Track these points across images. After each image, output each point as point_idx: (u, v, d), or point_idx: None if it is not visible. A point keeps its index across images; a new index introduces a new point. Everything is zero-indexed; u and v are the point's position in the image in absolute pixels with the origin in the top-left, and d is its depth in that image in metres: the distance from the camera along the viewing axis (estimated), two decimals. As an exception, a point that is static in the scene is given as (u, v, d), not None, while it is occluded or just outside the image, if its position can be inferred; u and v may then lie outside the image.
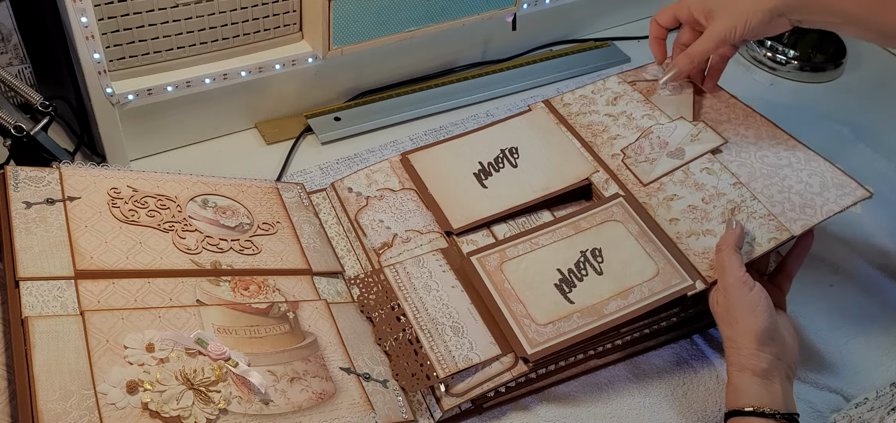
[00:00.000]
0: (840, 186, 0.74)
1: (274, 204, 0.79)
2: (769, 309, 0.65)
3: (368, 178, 0.84)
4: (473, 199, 0.81)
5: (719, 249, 0.69)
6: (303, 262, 0.74)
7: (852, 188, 0.74)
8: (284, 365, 0.63)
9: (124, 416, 0.54)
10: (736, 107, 0.84)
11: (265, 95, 0.94)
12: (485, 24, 1.02)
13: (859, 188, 0.73)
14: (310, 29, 0.91)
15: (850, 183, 0.74)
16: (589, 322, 0.68)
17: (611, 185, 0.80)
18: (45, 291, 0.60)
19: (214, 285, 0.68)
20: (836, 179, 0.75)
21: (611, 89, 0.89)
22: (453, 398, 0.66)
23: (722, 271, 0.67)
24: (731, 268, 0.66)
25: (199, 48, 0.86)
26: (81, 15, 0.73)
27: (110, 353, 0.58)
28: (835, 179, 0.75)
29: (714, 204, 0.75)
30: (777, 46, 1.17)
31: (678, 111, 0.84)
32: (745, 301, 0.65)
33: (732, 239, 0.68)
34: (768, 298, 0.65)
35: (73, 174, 0.71)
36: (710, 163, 0.78)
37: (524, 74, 1.08)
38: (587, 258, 0.73)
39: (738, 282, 0.65)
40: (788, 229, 0.71)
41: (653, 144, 0.81)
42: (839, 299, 0.83)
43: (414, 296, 0.72)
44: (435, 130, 0.99)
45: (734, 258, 0.67)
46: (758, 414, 0.62)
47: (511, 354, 0.68)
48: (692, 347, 0.77)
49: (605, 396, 0.72)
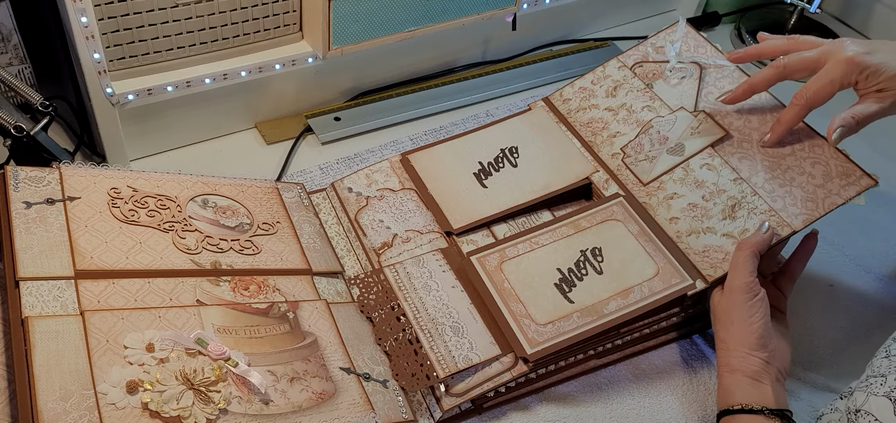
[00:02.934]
0: (844, 175, 0.73)
1: (274, 204, 0.79)
2: (766, 317, 0.65)
3: (368, 178, 0.84)
4: (473, 199, 0.81)
5: (740, 247, 0.68)
6: (303, 262, 0.74)
7: (857, 177, 0.72)
8: (284, 365, 0.63)
9: (124, 416, 0.54)
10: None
11: (265, 95, 0.94)
12: (485, 24, 1.02)
13: (864, 177, 0.72)
14: (310, 29, 0.91)
15: (855, 171, 0.73)
16: (589, 322, 0.68)
17: (611, 184, 0.80)
18: (45, 291, 0.60)
19: (214, 285, 0.68)
20: (840, 167, 0.73)
21: (611, 77, 0.88)
22: (453, 398, 0.66)
23: (733, 271, 0.67)
24: (742, 271, 0.66)
25: (199, 48, 0.86)
26: (81, 15, 0.73)
27: (110, 353, 0.58)
28: (839, 168, 0.73)
29: (714, 201, 0.74)
30: (777, 46, 1.17)
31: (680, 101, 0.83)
32: (746, 307, 0.65)
33: (755, 242, 0.68)
34: (767, 306, 0.66)
35: (73, 174, 0.71)
36: (710, 158, 0.78)
37: (524, 74, 1.08)
38: (587, 258, 0.73)
39: (744, 286, 0.66)
40: (790, 225, 0.71)
41: (653, 141, 0.81)
42: (839, 299, 0.83)
43: (414, 296, 0.72)
44: (435, 130, 0.98)
45: (749, 262, 0.67)
46: (747, 411, 0.62)
47: (511, 354, 0.68)
48: (692, 347, 0.77)
49: (605, 396, 0.72)
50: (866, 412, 0.58)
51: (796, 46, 0.74)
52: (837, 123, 0.70)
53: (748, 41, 1.19)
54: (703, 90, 0.83)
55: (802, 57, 0.73)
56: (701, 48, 0.86)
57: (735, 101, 0.79)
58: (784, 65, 0.73)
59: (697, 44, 0.87)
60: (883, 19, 1.24)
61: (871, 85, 0.69)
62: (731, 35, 1.23)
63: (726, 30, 1.25)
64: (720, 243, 0.72)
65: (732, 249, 0.71)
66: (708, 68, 0.85)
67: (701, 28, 1.23)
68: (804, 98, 0.72)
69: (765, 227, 0.70)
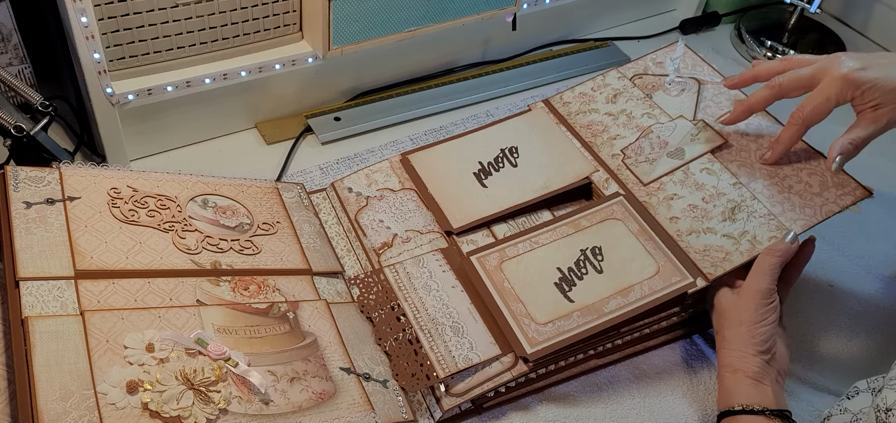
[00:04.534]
0: (840, 186, 0.74)
1: (274, 204, 0.79)
2: (775, 323, 0.66)
3: (368, 178, 0.84)
4: (473, 198, 0.81)
5: (767, 254, 0.68)
6: (303, 262, 0.74)
7: (852, 188, 0.74)
8: (284, 365, 0.63)
9: (124, 416, 0.54)
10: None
11: (265, 95, 0.94)
12: (485, 24, 1.02)
13: (859, 188, 0.74)
14: (310, 29, 0.91)
15: (850, 182, 0.74)
16: (589, 321, 0.68)
17: (611, 184, 0.80)
18: (45, 291, 0.60)
19: (214, 285, 0.68)
20: (835, 178, 0.75)
21: (610, 85, 0.89)
22: (453, 398, 0.66)
23: (756, 274, 0.67)
24: (767, 276, 0.67)
25: (199, 48, 0.86)
26: (81, 15, 0.73)
27: (110, 353, 0.58)
28: (835, 179, 0.75)
29: (714, 204, 0.75)
30: (777, 46, 1.17)
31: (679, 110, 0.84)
32: (760, 311, 0.66)
33: (783, 250, 0.69)
34: (778, 313, 0.67)
35: (73, 174, 0.71)
36: (710, 163, 0.78)
37: (524, 74, 1.08)
38: (587, 257, 0.73)
39: (765, 291, 0.66)
40: (789, 229, 0.71)
41: (653, 144, 0.81)
42: (839, 300, 0.83)
43: (414, 296, 0.72)
44: (435, 130, 0.98)
45: (775, 269, 0.67)
46: (747, 412, 0.62)
47: (511, 354, 0.68)
48: (692, 347, 0.77)
49: (605, 396, 0.72)
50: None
51: (790, 66, 0.74)
52: (836, 151, 0.71)
53: (748, 41, 1.19)
54: (701, 104, 0.84)
55: (797, 75, 0.73)
56: (698, 68, 0.88)
57: (733, 122, 0.80)
58: (780, 84, 0.74)
59: (695, 64, 0.88)
60: (883, 19, 1.24)
61: (867, 101, 0.69)
62: (730, 35, 1.23)
63: (726, 30, 1.25)
64: (720, 243, 0.72)
65: (732, 249, 0.71)
66: (706, 84, 0.86)
67: (701, 28, 1.23)
68: (801, 117, 0.72)
69: (790, 236, 0.70)
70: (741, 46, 1.20)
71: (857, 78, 0.68)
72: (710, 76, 0.87)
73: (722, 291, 0.70)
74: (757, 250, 0.70)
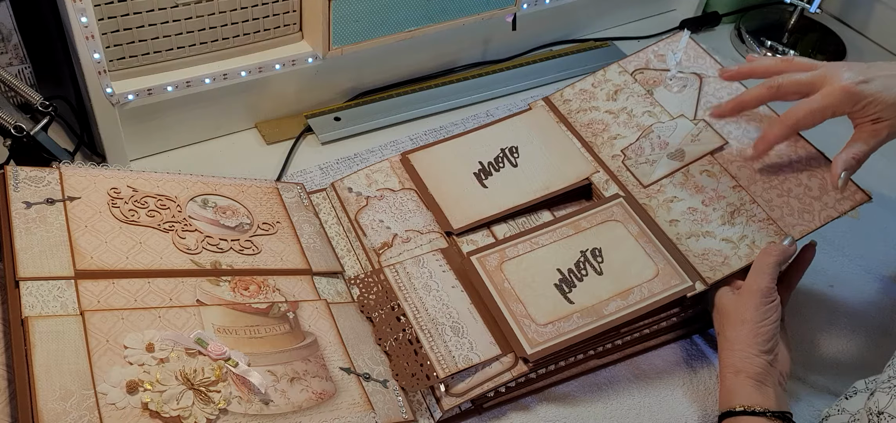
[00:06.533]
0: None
1: (274, 204, 0.79)
2: (777, 322, 0.66)
3: (368, 178, 0.84)
4: (473, 199, 0.81)
5: (765, 253, 0.69)
6: (303, 262, 0.74)
7: (851, 192, 0.73)
8: (284, 365, 0.63)
9: (124, 416, 0.54)
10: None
11: (265, 95, 0.94)
12: (485, 24, 1.02)
13: (858, 192, 0.73)
14: (310, 29, 0.91)
15: (849, 186, 0.74)
16: (589, 322, 0.68)
17: (611, 185, 0.80)
18: (45, 291, 0.60)
19: (214, 285, 0.68)
20: None
21: (611, 81, 0.88)
22: (453, 398, 0.66)
23: (756, 274, 0.68)
24: (766, 275, 0.67)
25: (199, 48, 0.86)
26: (81, 15, 0.73)
27: (110, 353, 0.58)
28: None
29: (714, 207, 0.75)
30: (777, 46, 1.17)
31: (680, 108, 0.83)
32: (761, 310, 0.66)
33: (781, 250, 0.69)
34: (780, 313, 0.67)
35: (73, 174, 0.71)
36: (710, 165, 0.78)
37: (524, 74, 1.08)
38: (587, 258, 0.73)
39: (766, 290, 0.66)
40: (787, 234, 0.71)
41: (653, 145, 0.81)
42: (839, 300, 0.83)
43: (414, 296, 0.72)
44: (435, 130, 0.98)
45: (773, 269, 0.67)
46: (749, 413, 0.62)
47: (511, 354, 0.68)
48: (692, 347, 0.77)
49: (605, 396, 0.72)
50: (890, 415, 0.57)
51: (788, 67, 0.73)
52: (840, 168, 0.69)
53: (748, 41, 1.19)
54: (702, 100, 0.84)
55: (797, 79, 0.72)
56: (701, 59, 0.87)
57: (722, 116, 0.79)
58: (779, 85, 0.73)
59: (698, 55, 0.87)
60: (883, 19, 1.24)
61: (867, 115, 0.68)
62: (730, 35, 1.23)
63: (726, 30, 1.25)
64: (719, 247, 0.72)
65: (731, 253, 0.71)
66: (708, 79, 0.85)
67: (701, 28, 1.23)
68: (793, 119, 0.71)
69: (787, 240, 0.70)
70: (741, 46, 1.20)
71: (857, 91, 0.67)
72: (712, 70, 0.86)
73: (723, 291, 0.70)
74: (755, 254, 0.70)
